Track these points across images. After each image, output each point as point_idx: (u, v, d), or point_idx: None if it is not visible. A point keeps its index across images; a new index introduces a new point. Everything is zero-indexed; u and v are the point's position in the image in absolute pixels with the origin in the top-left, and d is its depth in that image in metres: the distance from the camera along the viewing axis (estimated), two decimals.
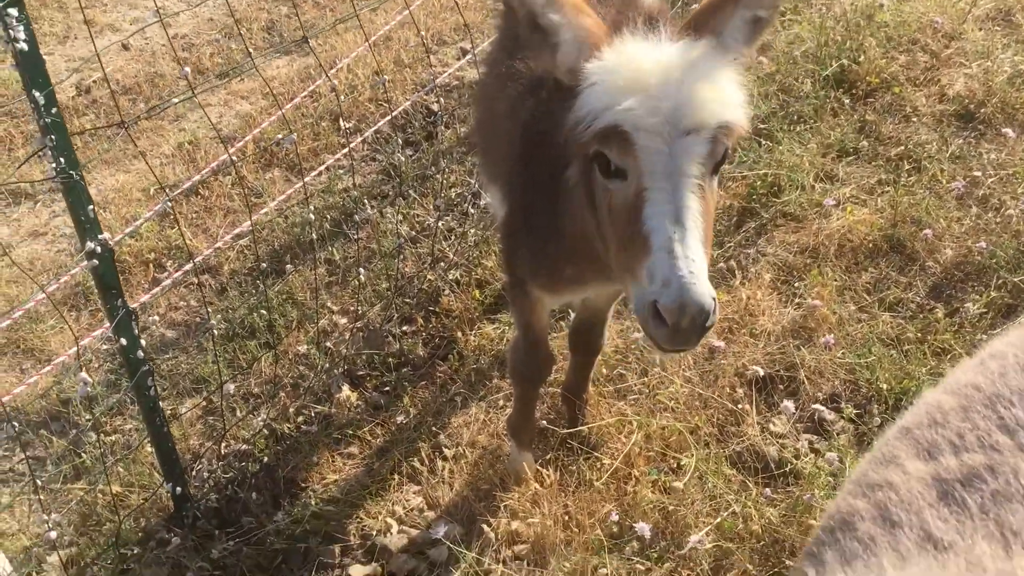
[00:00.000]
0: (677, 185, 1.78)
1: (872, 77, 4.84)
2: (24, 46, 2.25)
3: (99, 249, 2.61)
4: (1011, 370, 1.19)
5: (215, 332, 3.37)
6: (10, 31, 2.21)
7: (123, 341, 2.79)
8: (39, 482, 3.28)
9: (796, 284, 3.87)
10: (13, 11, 2.21)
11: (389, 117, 4.44)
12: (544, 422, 3.39)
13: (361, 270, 3.81)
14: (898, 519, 1.05)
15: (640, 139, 1.80)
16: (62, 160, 2.44)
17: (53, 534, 2.69)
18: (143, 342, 3.97)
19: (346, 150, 4.18)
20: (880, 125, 4.60)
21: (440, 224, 4.33)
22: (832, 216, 4.11)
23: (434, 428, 3.52)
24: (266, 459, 3.43)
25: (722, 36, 1.97)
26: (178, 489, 3.12)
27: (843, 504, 1.17)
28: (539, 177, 2.47)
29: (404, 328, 3.97)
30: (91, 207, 2.57)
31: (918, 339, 3.55)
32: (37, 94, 2.33)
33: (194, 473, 3.39)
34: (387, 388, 3.73)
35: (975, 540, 0.95)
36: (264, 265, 4.05)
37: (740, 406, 3.39)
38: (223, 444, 3.44)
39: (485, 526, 3.08)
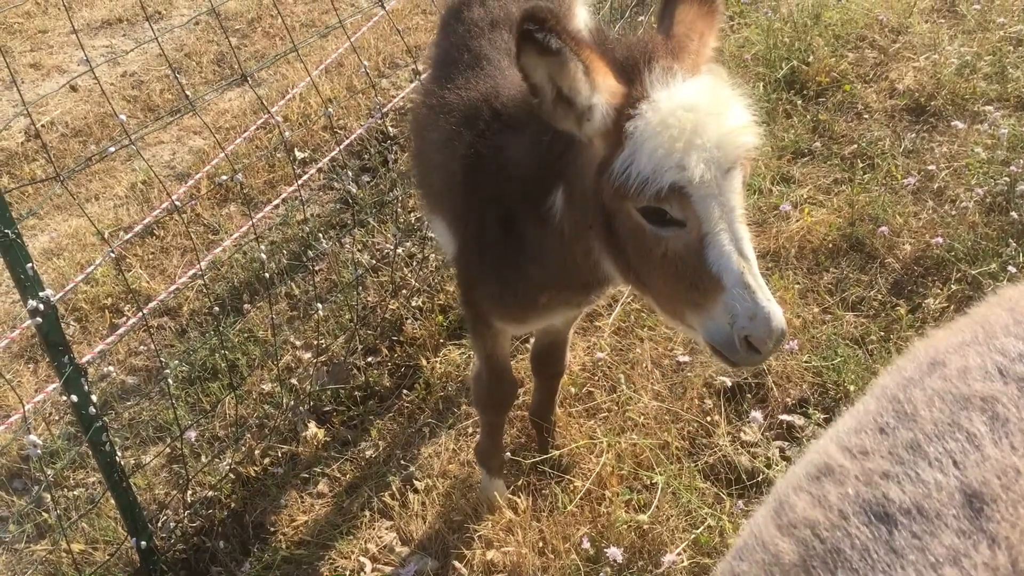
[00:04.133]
0: (731, 221, 1.85)
1: (822, 76, 4.86)
2: None
3: (41, 307, 2.54)
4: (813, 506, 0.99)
5: (170, 381, 3.29)
6: None
7: (74, 398, 2.71)
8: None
9: None
10: None
11: (342, 146, 4.39)
12: (514, 450, 3.34)
13: (319, 305, 3.75)
14: None
15: (698, 191, 1.81)
16: None
17: None
18: (102, 391, 3.93)
19: (301, 181, 4.13)
20: (833, 124, 4.62)
21: (400, 250, 4.29)
22: (791, 218, 4.11)
23: (404, 460, 3.47)
24: (233, 505, 3.35)
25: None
26: (143, 543, 3.04)
27: None
28: (492, 212, 2.41)
29: (369, 359, 3.91)
30: (30, 265, 2.51)
31: (882, 337, 3.55)
32: None
33: (160, 524, 3.32)
34: (354, 422, 3.67)
35: None
36: (216, 309, 3.97)
37: (710, 418, 3.36)
38: (188, 492, 3.36)
39: (457, 562, 3.03)
